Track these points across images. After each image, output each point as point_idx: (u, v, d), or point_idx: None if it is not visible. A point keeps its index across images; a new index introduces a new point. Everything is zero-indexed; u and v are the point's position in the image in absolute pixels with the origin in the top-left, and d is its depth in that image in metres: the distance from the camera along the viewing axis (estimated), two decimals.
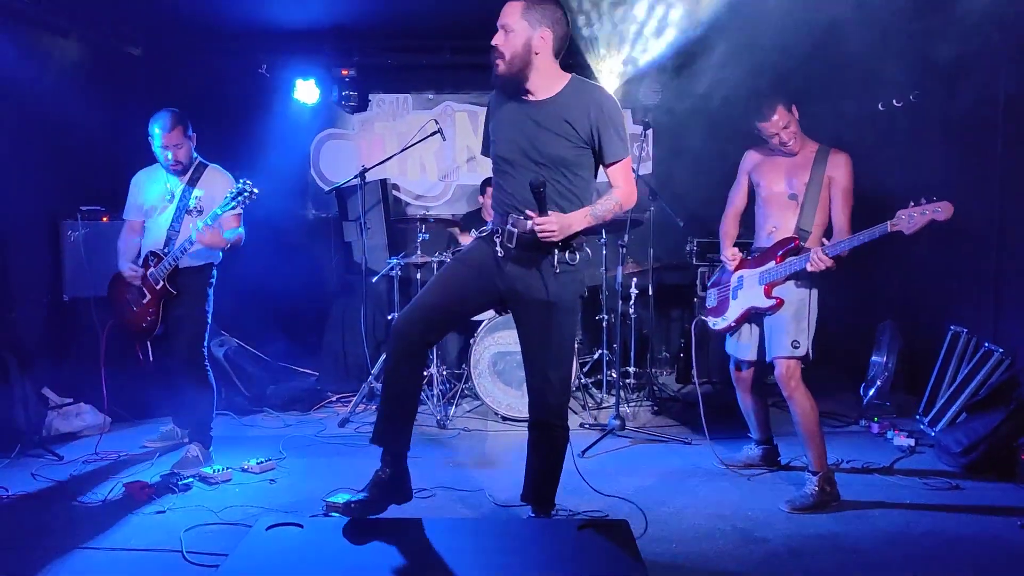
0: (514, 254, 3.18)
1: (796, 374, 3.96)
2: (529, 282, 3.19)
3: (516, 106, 3.21)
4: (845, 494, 3.95)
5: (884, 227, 3.61)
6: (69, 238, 5.59)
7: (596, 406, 5.93)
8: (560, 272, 3.17)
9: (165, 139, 4.42)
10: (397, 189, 7.32)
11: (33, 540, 3.51)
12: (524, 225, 3.11)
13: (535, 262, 3.18)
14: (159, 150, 4.47)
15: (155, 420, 5.34)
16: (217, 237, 4.39)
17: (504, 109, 3.25)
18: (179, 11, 5.85)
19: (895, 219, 3.59)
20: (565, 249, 3.18)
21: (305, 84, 6.81)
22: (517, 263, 3.19)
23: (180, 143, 4.46)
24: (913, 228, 3.55)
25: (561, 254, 3.17)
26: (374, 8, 6.12)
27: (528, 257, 3.18)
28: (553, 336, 3.22)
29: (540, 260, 3.17)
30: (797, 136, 4.05)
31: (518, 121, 3.19)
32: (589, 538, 3.04)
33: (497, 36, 3.09)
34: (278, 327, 6.79)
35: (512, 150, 3.19)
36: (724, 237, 4.40)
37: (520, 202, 3.15)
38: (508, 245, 3.18)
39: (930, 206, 3.52)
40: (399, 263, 5.86)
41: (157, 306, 4.52)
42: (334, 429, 5.46)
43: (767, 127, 4.03)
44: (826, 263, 3.76)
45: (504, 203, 3.25)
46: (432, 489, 4.13)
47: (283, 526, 3.17)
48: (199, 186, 4.55)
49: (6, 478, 4.31)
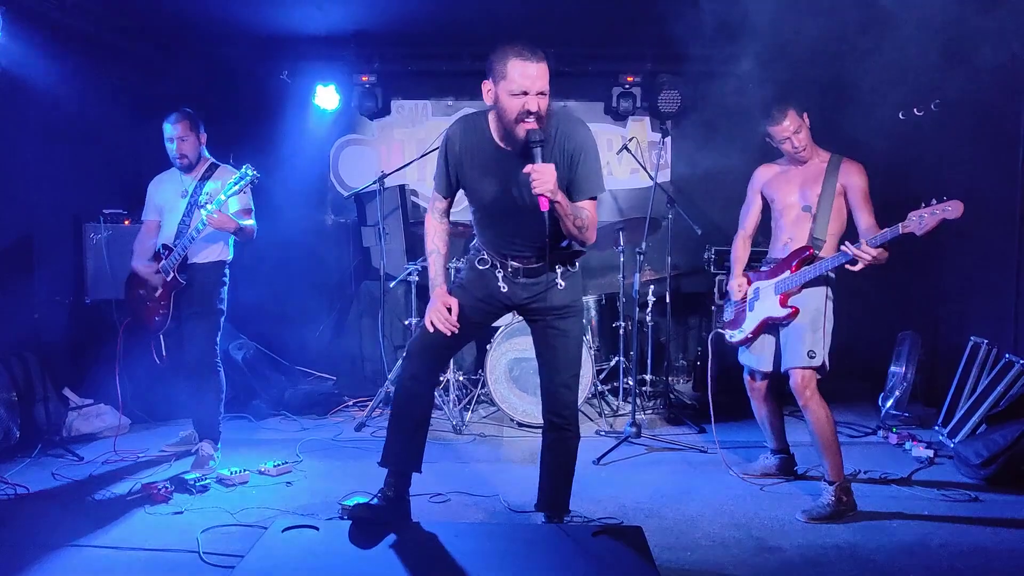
0: (521, 282, 3.31)
1: (812, 384, 3.94)
2: (537, 294, 3.30)
3: (495, 154, 3.15)
4: (862, 505, 3.92)
5: (896, 229, 3.59)
6: (92, 240, 5.66)
7: (612, 413, 5.92)
8: (566, 283, 3.31)
9: (171, 131, 4.56)
10: (416, 195, 7.34)
11: (52, 539, 3.55)
12: (528, 259, 3.25)
13: (541, 284, 3.29)
14: (167, 143, 4.60)
15: (174, 422, 5.39)
16: (226, 219, 4.41)
17: (479, 153, 3.19)
18: (202, 17, 5.90)
19: (906, 221, 3.57)
20: (565, 264, 3.31)
21: (325, 90, 6.85)
22: (525, 288, 3.31)
23: (185, 136, 4.56)
24: (924, 229, 3.53)
25: (565, 268, 3.31)
26: (394, 15, 6.15)
27: (534, 282, 3.30)
28: (567, 336, 3.34)
29: (545, 282, 3.29)
30: (808, 143, 4.04)
31: (503, 171, 3.14)
32: (603, 544, 3.04)
33: (541, 102, 2.98)
34: (296, 331, 6.83)
35: (501, 200, 3.18)
36: (734, 262, 4.41)
37: (519, 246, 3.25)
38: (513, 277, 3.30)
39: (940, 206, 3.51)
40: (417, 268, 5.89)
41: (168, 299, 4.58)
42: (351, 433, 5.49)
43: (778, 131, 4.03)
44: (872, 254, 3.64)
45: (501, 248, 3.31)
46: (447, 494, 4.14)
47: (299, 528, 3.20)
48: (211, 182, 4.62)
49: (27, 477, 4.37)
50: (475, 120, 3.24)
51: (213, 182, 4.60)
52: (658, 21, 5.36)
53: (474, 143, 3.19)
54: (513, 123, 2.99)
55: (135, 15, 5.86)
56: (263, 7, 5.85)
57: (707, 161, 6.75)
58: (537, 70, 2.95)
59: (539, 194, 2.92)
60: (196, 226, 4.42)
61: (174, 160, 4.62)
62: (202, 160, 4.70)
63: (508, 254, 3.29)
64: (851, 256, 3.69)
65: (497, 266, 3.32)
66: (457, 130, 3.24)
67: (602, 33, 6.42)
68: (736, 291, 4.32)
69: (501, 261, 3.30)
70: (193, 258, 4.59)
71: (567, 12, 5.83)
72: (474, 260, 3.41)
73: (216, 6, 5.71)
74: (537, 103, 2.95)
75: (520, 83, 2.94)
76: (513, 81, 2.95)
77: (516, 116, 2.97)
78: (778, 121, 4.01)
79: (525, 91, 2.94)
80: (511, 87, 2.95)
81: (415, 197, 7.33)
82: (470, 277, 3.41)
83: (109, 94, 5.77)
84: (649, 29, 6.19)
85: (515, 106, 2.96)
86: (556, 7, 5.70)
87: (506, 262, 3.29)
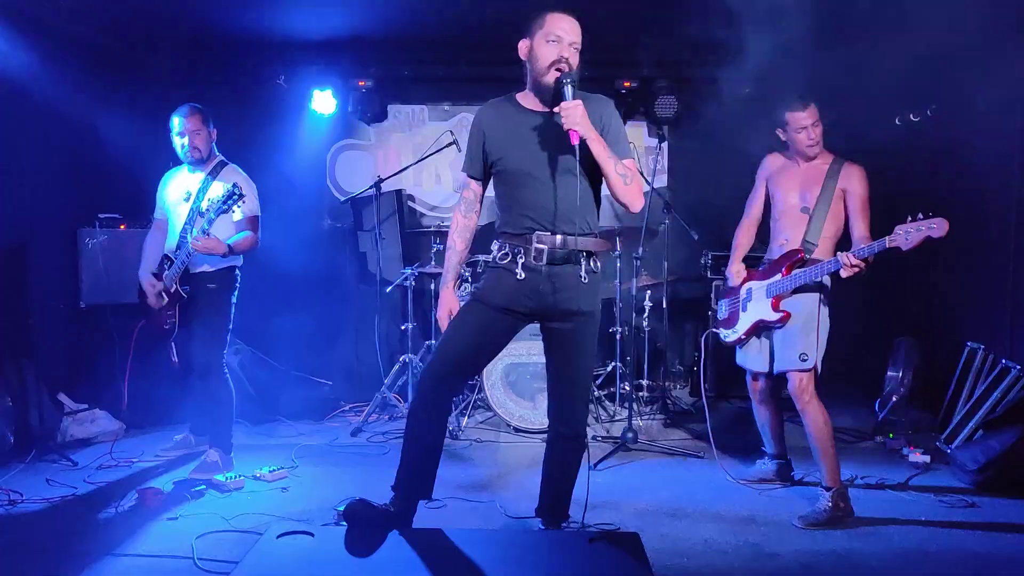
0: (544, 271, 3.14)
1: (809, 387, 3.94)
2: (561, 296, 3.16)
3: (523, 119, 3.21)
4: (859, 510, 3.91)
5: (883, 242, 3.60)
6: (87, 245, 5.64)
7: (609, 419, 5.91)
8: (588, 282, 3.18)
9: (182, 124, 4.47)
10: (412, 200, 7.34)
11: (47, 545, 3.54)
12: (553, 241, 3.12)
13: (564, 276, 3.16)
14: (176, 137, 4.50)
15: (171, 427, 5.37)
16: (213, 243, 4.31)
17: (508, 124, 3.23)
18: (198, 22, 5.90)
19: (892, 235, 3.58)
20: (589, 259, 3.20)
21: (322, 94, 6.84)
22: (548, 280, 3.15)
23: (198, 129, 4.49)
24: (911, 244, 3.54)
25: (588, 263, 3.19)
26: (391, 19, 6.15)
27: (556, 272, 3.15)
28: (584, 346, 3.24)
29: (569, 274, 3.16)
30: (820, 139, 4.04)
31: (531, 133, 3.16)
32: (600, 551, 3.03)
33: (573, 55, 3.12)
34: (292, 336, 6.81)
35: (529, 162, 3.15)
36: (735, 248, 4.39)
37: (543, 216, 3.13)
38: (536, 263, 3.14)
39: (926, 222, 3.51)
40: (413, 273, 5.89)
41: (174, 308, 4.55)
42: (347, 438, 5.47)
43: (797, 119, 4.00)
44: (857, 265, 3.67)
45: (522, 222, 3.17)
46: (443, 500, 4.11)
47: (294, 534, 3.18)
48: (213, 187, 4.48)
49: (21, 483, 4.34)
50: (498, 100, 3.34)
51: (218, 181, 4.47)
52: (656, 26, 5.37)
53: (502, 113, 3.27)
54: (546, 69, 3.10)
55: (132, 20, 5.85)
56: (259, 12, 5.84)
57: (704, 167, 6.74)
58: (572, 24, 3.14)
59: (569, 129, 2.99)
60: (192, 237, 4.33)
61: (185, 155, 4.52)
62: (212, 156, 4.61)
63: (533, 231, 3.14)
64: (842, 264, 3.70)
65: (520, 252, 3.16)
66: (485, 108, 3.34)
67: (599, 38, 6.42)
68: (734, 277, 4.30)
69: (524, 246, 3.15)
70: (197, 268, 4.51)
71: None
72: (496, 256, 3.25)
73: (212, 11, 5.71)
74: (569, 54, 3.10)
75: (556, 30, 3.11)
76: (550, 31, 3.11)
77: (550, 62, 3.09)
78: (800, 109, 4.00)
79: (560, 38, 3.10)
80: (547, 36, 3.11)
81: (412, 202, 7.33)
82: (488, 283, 3.28)
83: (105, 99, 5.75)
84: (646, 34, 6.20)
85: (550, 52, 3.09)
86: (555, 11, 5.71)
87: (529, 246, 3.14)
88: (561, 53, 3.09)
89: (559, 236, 3.12)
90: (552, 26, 3.10)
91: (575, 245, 3.14)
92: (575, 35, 3.13)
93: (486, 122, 3.28)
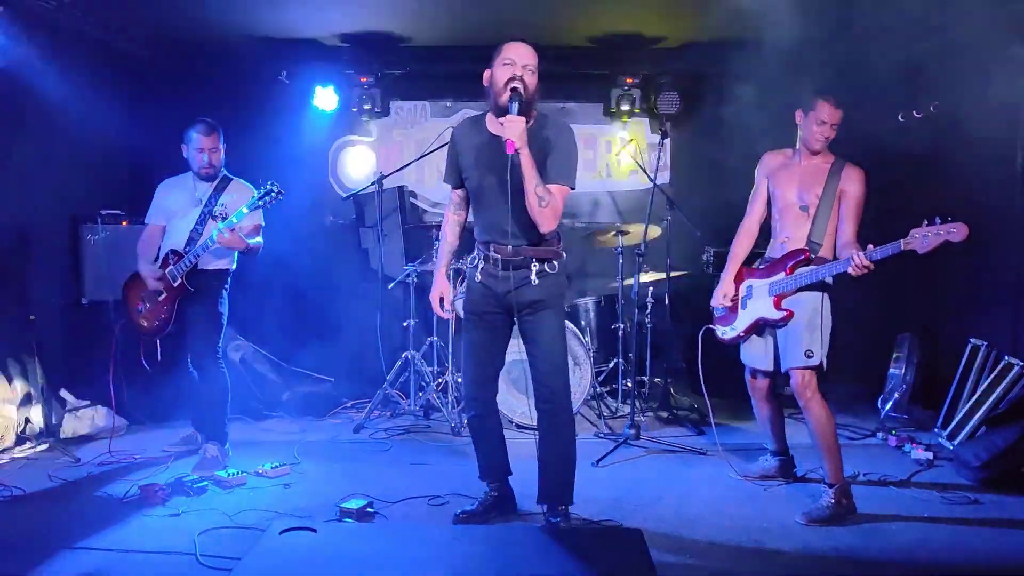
0: (501, 275, 3.56)
1: (812, 384, 3.93)
2: (518, 291, 3.55)
3: (484, 140, 3.55)
4: (862, 507, 3.91)
5: (897, 245, 3.57)
6: (89, 241, 5.65)
7: (611, 415, 5.91)
8: (538, 282, 3.54)
9: (204, 142, 4.61)
10: (414, 196, 7.33)
11: (48, 540, 3.53)
12: (506, 251, 3.53)
13: (518, 278, 3.54)
14: (195, 152, 4.62)
15: (173, 424, 5.38)
16: (236, 239, 4.47)
17: (475, 143, 3.59)
18: (201, 18, 5.90)
19: (908, 238, 3.55)
20: (541, 262, 3.55)
21: (324, 91, 6.83)
22: (505, 281, 3.55)
23: (216, 147, 4.65)
24: (927, 248, 3.51)
25: (540, 267, 3.54)
26: (394, 16, 6.15)
27: (513, 275, 3.54)
28: (548, 329, 3.59)
29: (523, 276, 3.54)
30: (828, 142, 4.02)
31: (492, 157, 3.47)
32: (603, 546, 3.04)
33: (528, 77, 3.40)
34: (294, 332, 6.81)
35: (489, 181, 3.50)
36: (731, 258, 4.31)
37: (498, 233, 3.52)
38: (495, 269, 3.57)
39: (944, 227, 3.47)
40: (415, 270, 5.89)
41: (172, 304, 4.59)
42: (349, 435, 5.48)
43: (824, 112, 3.94)
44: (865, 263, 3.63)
45: (484, 234, 3.61)
46: (445, 496, 4.13)
47: (296, 530, 3.19)
48: (225, 194, 4.67)
49: (23, 478, 4.35)
50: (475, 118, 3.71)
51: (228, 194, 4.66)
52: (657, 22, 5.36)
53: (471, 133, 3.64)
54: (502, 89, 3.38)
55: (134, 17, 5.85)
56: (262, 9, 5.84)
57: (706, 163, 6.73)
58: (527, 49, 3.43)
59: (506, 138, 3.25)
60: (210, 237, 4.46)
61: (200, 169, 4.65)
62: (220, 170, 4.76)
63: (492, 242, 3.56)
64: (852, 265, 3.67)
65: (485, 260, 3.61)
66: (461, 125, 3.73)
67: (601, 34, 6.42)
68: (719, 299, 4.29)
69: (486, 253, 3.59)
70: (206, 264, 4.62)
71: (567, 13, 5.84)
72: (469, 261, 3.75)
73: (215, 7, 5.70)
74: (523, 74, 3.37)
75: (510, 55, 3.40)
76: (506, 56, 3.41)
77: (505, 81, 3.37)
78: (832, 104, 3.95)
79: (513, 61, 3.38)
80: (503, 60, 3.40)
81: (414, 199, 7.32)
82: (469, 294, 3.73)
83: (107, 95, 5.74)
84: (648, 30, 6.19)
85: (505, 73, 3.38)
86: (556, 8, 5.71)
87: (489, 254, 3.58)
88: (515, 72, 3.36)
89: (510, 247, 3.52)
90: (508, 52, 3.40)
91: (526, 253, 3.53)
92: (529, 58, 3.41)
93: (458, 139, 3.68)
